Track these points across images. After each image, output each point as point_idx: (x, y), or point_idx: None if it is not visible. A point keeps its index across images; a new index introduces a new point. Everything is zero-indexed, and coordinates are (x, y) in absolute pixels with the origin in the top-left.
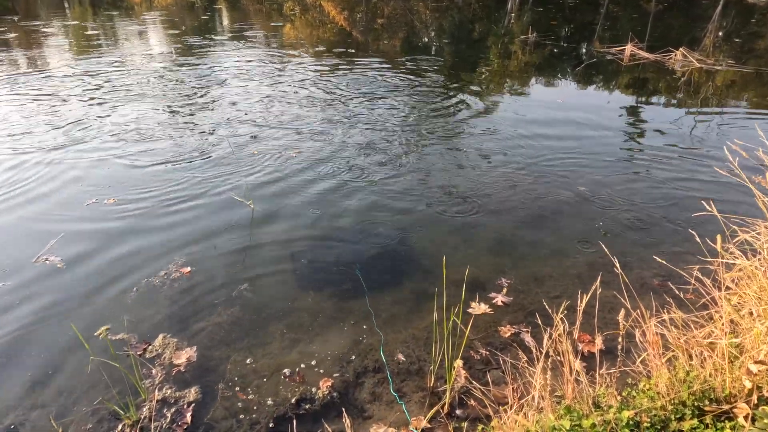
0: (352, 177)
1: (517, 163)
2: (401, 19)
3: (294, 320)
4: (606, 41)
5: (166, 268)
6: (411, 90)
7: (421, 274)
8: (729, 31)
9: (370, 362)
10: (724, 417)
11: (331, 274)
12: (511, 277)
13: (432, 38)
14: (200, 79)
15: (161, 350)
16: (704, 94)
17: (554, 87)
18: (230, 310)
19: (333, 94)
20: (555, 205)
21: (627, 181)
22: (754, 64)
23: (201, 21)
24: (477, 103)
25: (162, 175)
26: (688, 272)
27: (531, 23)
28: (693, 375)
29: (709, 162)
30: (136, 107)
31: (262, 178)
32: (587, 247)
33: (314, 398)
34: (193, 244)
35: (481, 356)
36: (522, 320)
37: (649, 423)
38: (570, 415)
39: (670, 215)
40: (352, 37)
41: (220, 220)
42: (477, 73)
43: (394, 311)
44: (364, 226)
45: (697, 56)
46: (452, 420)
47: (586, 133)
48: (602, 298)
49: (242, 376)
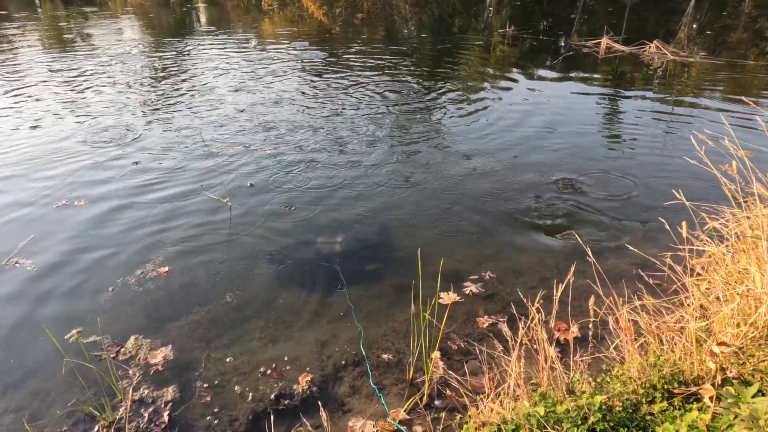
0: (330, 173)
1: (495, 156)
2: (381, 14)
3: (273, 316)
4: (584, 34)
5: (142, 268)
6: (391, 85)
7: (401, 268)
8: (702, 23)
9: (350, 356)
10: (692, 398)
11: (310, 269)
12: (490, 269)
13: (412, 33)
14: (174, 75)
15: (134, 351)
16: (678, 86)
17: (533, 80)
18: (208, 308)
19: (310, 90)
20: (533, 197)
21: (603, 171)
22: (727, 56)
23: (177, 17)
24: (456, 97)
25: (136, 175)
26: (661, 260)
27: (510, 17)
28: (663, 359)
29: (679, 153)
30: (108, 106)
31: (239, 175)
32: (565, 237)
33: (293, 394)
34: (170, 244)
35: (459, 347)
36: (499, 310)
37: (621, 407)
38: (545, 401)
39: (644, 203)
40: (332, 32)
41: (198, 219)
42: (456, 67)
43: (374, 305)
44: (343, 221)
45: (671, 49)
46: (431, 411)
47: (563, 125)
48: (578, 286)
49: (221, 374)
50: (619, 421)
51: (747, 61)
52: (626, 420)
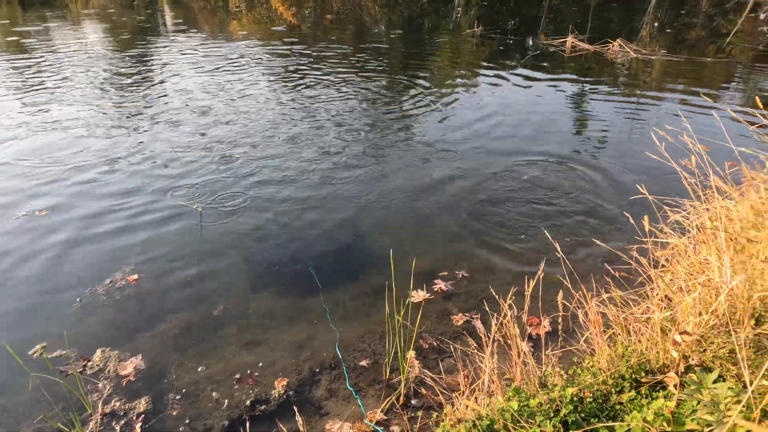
0: (301, 175)
1: (467, 155)
2: (350, 14)
3: (248, 322)
4: (550, 34)
5: (111, 277)
6: (361, 86)
7: (376, 269)
8: (663, 22)
9: (327, 359)
10: (658, 386)
11: (284, 273)
12: (464, 267)
13: (382, 33)
14: (138, 78)
15: (102, 364)
16: (641, 83)
17: (502, 79)
18: (181, 315)
19: (278, 92)
20: (504, 195)
21: (570, 167)
22: (686, 53)
23: (141, 19)
24: (427, 97)
25: (102, 182)
26: (627, 253)
27: (478, 17)
28: (631, 350)
29: (642, 148)
30: (69, 108)
31: (208, 179)
32: (536, 233)
33: (269, 399)
34: (140, 251)
35: (435, 345)
36: (473, 308)
37: (591, 398)
38: (518, 396)
39: (611, 198)
40: (301, 33)
41: (168, 225)
42: (427, 68)
43: (350, 306)
44: (316, 223)
45: (633, 47)
46: (407, 410)
47: (531, 123)
48: (549, 281)
49: (195, 382)
50: (590, 412)
51: (705, 58)
52: (597, 410)
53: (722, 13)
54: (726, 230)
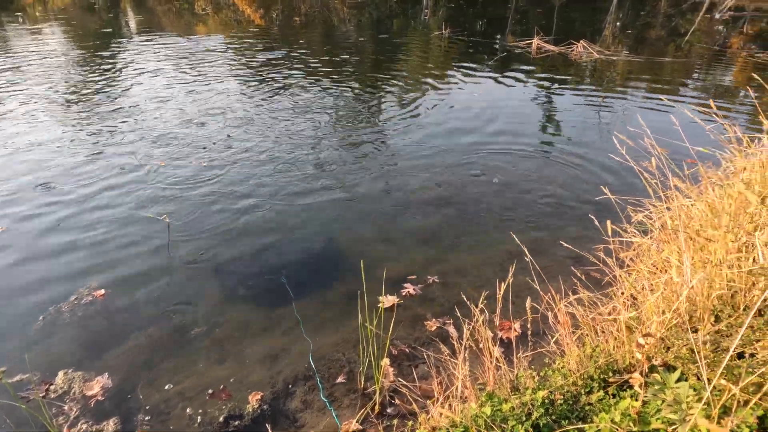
0: (270, 181)
1: (436, 158)
2: (319, 16)
3: (220, 335)
4: (518, 35)
5: (76, 293)
6: (330, 88)
7: (349, 275)
8: (625, 22)
9: (301, 370)
10: (625, 386)
11: (256, 284)
12: (436, 271)
13: (351, 34)
14: (101, 86)
15: (66, 386)
16: (604, 84)
17: (470, 81)
18: (151, 331)
19: (247, 96)
20: (474, 197)
21: (539, 168)
22: (647, 53)
23: (103, 23)
24: (396, 99)
25: (63, 194)
26: (594, 254)
27: (446, 19)
28: (599, 350)
29: (605, 150)
30: (27, 118)
31: (175, 189)
32: (506, 235)
33: (243, 414)
34: (107, 266)
35: (409, 352)
36: (446, 312)
37: (562, 399)
38: (491, 401)
39: (578, 200)
40: (269, 35)
41: (135, 237)
42: (396, 69)
43: (324, 315)
44: (286, 232)
45: (596, 48)
46: (383, 419)
47: (500, 125)
48: (520, 283)
49: (166, 400)
50: (560, 414)
51: (665, 58)
52: (567, 412)
53: (680, 13)
54: (686, 230)
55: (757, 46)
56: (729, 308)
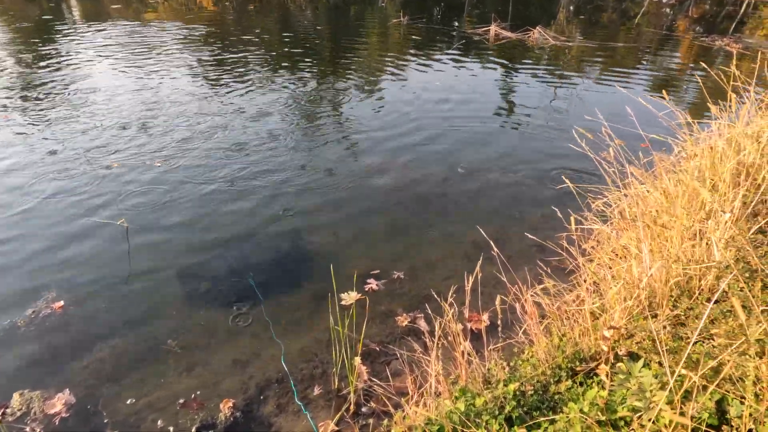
0: (231, 179)
1: (399, 151)
2: (275, 2)
3: (188, 343)
4: (475, 21)
5: (33, 307)
6: (289, 77)
7: (319, 274)
8: (578, 4)
9: (273, 374)
10: (592, 374)
11: (222, 287)
12: (404, 266)
13: (308, 21)
14: (45, 81)
15: (25, 407)
16: (560, 70)
17: (429, 68)
18: (114, 342)
19: (202, 89)
20: (438, 188)
21: (500, 157)
22: (599, 37)
23: (44, 10)
24: (356, 88)
25: (10, 200)
26: (557, 242)
27: (403, 5)
28: (566, 339)
29: (565, 140)
30: None
31: (131, 192)
32: (471, 226)
33: (216, 422)
34: (64, 276)
35: (380, 350)
36: (416, 307)
37: (532, 390)
38: (464, 396)
39: (538, 189)
40: (223, 23)
41: (92, 244)
42: (354, 57)
43: (294, 317)
44: (252, 231)
45: (552, 34)
46: (359, 419)
47: (459, 113)
48: (487, 274)
49: (135, 413)
50: (531, 405)
51: (617, 43)
52: (538, 402)
53: None
54: (642, 217)
55: (701, 28)
56: (686, 295)
